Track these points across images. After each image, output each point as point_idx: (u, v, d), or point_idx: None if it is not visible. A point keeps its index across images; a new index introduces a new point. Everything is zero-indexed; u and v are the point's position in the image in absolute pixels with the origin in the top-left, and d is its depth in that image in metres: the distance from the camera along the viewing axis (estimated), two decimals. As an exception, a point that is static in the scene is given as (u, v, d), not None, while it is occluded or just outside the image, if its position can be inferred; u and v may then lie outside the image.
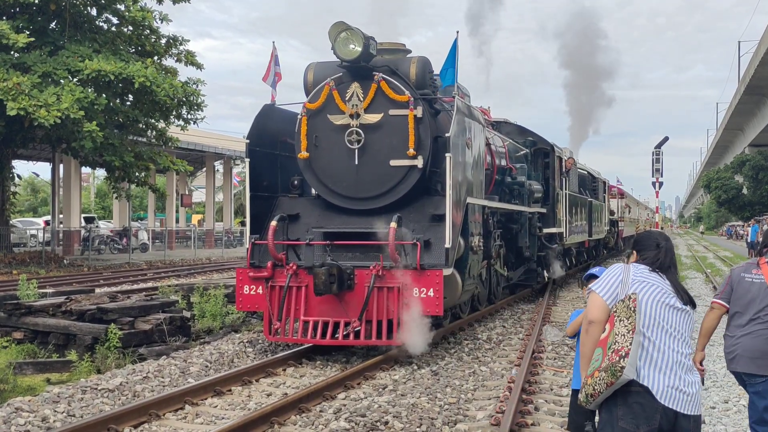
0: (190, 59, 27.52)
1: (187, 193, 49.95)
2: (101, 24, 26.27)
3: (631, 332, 3.21)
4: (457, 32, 9.96)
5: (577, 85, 30.71)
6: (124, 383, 7.73)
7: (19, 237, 34.79)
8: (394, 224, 8.79)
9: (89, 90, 22.44)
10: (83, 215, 38.14)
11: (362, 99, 9.50)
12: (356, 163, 9.54)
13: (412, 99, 9.40)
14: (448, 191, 8.97)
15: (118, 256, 31.96)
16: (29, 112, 20.34)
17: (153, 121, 26.63)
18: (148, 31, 26.33)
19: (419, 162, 9.42)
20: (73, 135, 22.21)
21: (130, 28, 26.08)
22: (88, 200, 61.27)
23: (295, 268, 9.12)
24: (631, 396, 3.24)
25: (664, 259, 3.48)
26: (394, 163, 9.48)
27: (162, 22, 26.26)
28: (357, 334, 8.89)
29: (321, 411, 6.83)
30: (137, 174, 26.46)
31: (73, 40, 23.86)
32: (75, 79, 22.31)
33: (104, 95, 23.20)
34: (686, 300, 3.42)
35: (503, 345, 10.39)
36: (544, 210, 15.67)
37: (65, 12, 24.04)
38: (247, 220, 10.04)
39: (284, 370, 8.60)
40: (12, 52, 22.17)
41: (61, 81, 21.95)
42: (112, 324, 9.62)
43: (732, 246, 51.51)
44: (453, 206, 9.01)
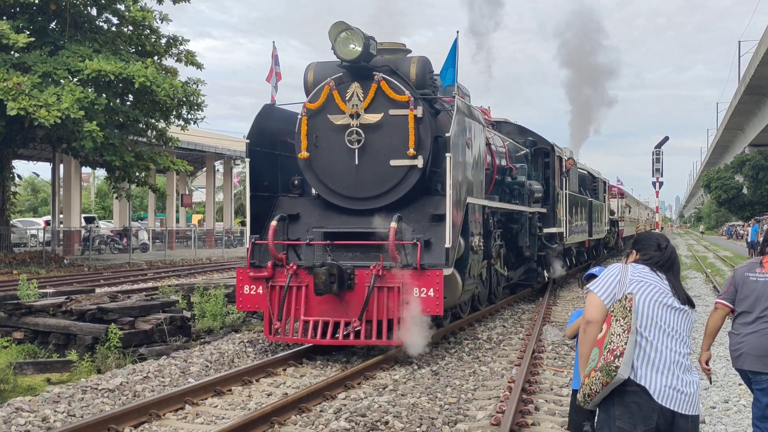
0: (190, 59, 27.53)
1: (187, 193, 49.95)
2: (101, 24, 26.29)
3: (626, 332, 3.20)
4: (457, 32, 9.98)
5: (577, 84, 30.68)
6: (125, 383, 7.74)
7: (19, 237, 34.78)
8: (394, 224, 8.79)
9: (89, 90, 22.44)
10: (83, 215, 38.15)
11: (362, 99, 9.50)
12: (356, 163, 9.54)
13: (413, 99, 9.40)
14: (448, 191, 8.97)
15: (119, 256, 31.96)
16: (29, 112, 20.34)
17: (153, 121, 26.64)
18: (148, 31, 26.34)
19: (419, 162, 9.42)
20: (74, 135, 22.21)
21: (130, 28, 26.09)
22: (88, 200, 61.27)
23: (295, 268, 9.12)
24: (628, 396, 3.24)
25: (665, 261, 3.47)
26: (394, 162, 9.48)
27: (162, 22, 26.30)
28: (357, 334, 8.89)
29: (321, 411, 6.83)
30: (137, 174, 26.47)
31: (73, 40, 23.86)
32: (75, 79, 22.31)
33: (104, 95, 23.20)
34: (684, 300, 3.42)
35: (503, 345, 10.38)
36: (544, 210, 15.68)
37: (65, 12, 24.04)
38: (248, 220, 10.04)
39: (284, 370, 8.60)
40: (12, 52, 22.17)
41: (61, 81, 21.95)
42: (113, 324, 9.62)
43: (732, 246, 51.49)
44: (453, 206, 9.01)
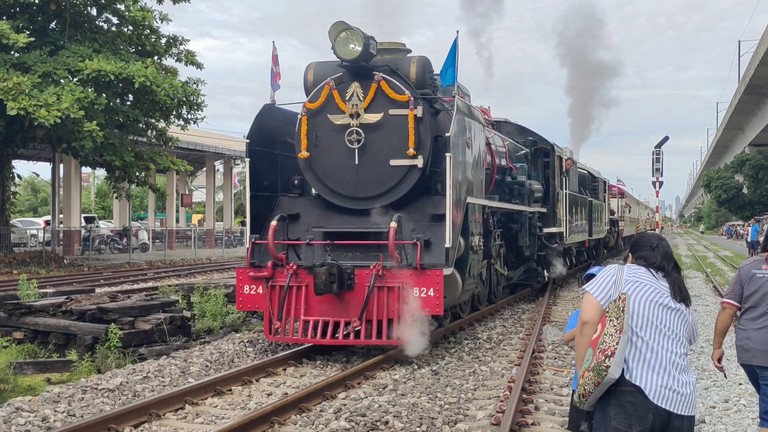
0: (190, 59, 27.53)
1: (187, 193, 49.94)
2: (101, 24, 26.28)
3: (618, 332, 3.20)
4: (457, 32, 9.97)
5: (577, 83, 30.68)
6: (125, 383, 7.74)
7: (19, 237, 34.77)
8: (394, 224, 8.79)
9: (89, 90, 22.42)
10: (83, 215, 38.15)
11: (362, 99, 9.50)
12: (356, 162, 9.54)
13: (412, 98, 9.40)
14: (448, 191, 8.96)
15: (119, 256, 31.96)
16: (29, 112, 20.34)
17: (153, 120, 26.63)
18: (148, 30, 26.33)
19: (419, 162, 9.42)
20: (73, 135, 22.20)
21: (130, 27, 26.07)
22: (88, 200, 61.27)
23: (295, 267, 9.12)
24: (623, 396, 3.24)
25: (659, 260, 3.45)
26: (394, 162, 9.48)
27: (162, 22, 26.30)
28: (357, 334, 8.89)
29: (321, 411, 6.83)
30: (137, 174, 26.46)
31: (73, 40, 23.86)
32: (75, 79, 22.30)
33: (104, 95, 23.19)
34: (681, 298, 3.40)
35: (503, 344, 10.38)
36: (544, 209, 15.68)
37: (65, 12, 24.03)
38: (247, 219, 10.04)
39: (284, 369, 8.60)
40: (12, 52, 22.17)
41: (61, 81, 21.95)
42: (113, 324, 9.62)
43: (732, 245, 51.49)
44: (453, 206, 9.01)
